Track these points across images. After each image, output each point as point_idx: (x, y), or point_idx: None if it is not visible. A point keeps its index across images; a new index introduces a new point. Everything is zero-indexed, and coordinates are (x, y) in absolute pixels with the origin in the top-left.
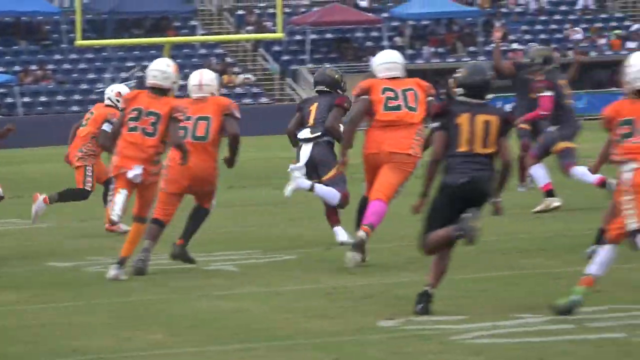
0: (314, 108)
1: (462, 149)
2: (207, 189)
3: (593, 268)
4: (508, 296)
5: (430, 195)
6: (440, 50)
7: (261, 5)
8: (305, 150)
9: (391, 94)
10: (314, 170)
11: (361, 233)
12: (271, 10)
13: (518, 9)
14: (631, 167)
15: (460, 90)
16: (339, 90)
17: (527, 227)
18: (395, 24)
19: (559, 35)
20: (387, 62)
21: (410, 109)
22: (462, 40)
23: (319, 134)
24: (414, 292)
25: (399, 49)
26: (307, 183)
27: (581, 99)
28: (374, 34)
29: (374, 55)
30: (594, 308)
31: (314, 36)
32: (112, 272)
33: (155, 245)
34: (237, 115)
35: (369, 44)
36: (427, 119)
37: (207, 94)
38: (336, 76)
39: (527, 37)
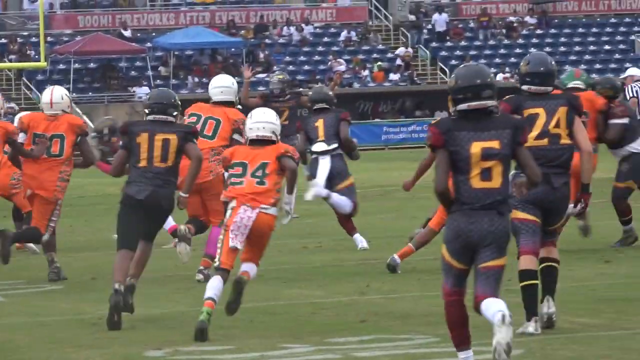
0: (320, 124)
1: (142, 164)
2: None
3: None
4: (275, 326)
5: None
6: (204, 80)
7: (24, 34)
8: (324, 163)
9: (194, 119)
10: (328, 180)
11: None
12: (34, 39)
13: (282, 40)
14: (231, 205)
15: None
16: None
17: (292, 258)
18: (159, 53)
19: (322, 67)
20: (216, 86)
21: (204, 136)
22: (226, 70)
23: (336, 146)
24: (180, 323)
25: (164, 79)
26: (325, 191)
27: None
28: (138, 63)
29: (138, 85)
30: (360, 337)
31: (77, 65)
32: None
33: None
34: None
35: (133, 73)
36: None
37: (58, 112)
38: (330, 93)
39: (291, 67)
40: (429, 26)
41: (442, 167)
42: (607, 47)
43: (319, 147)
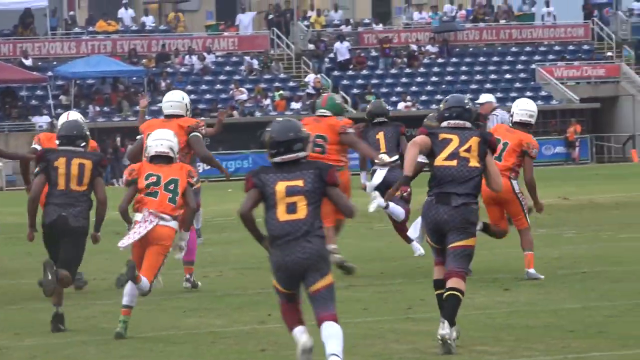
0: (380, 137)
1: (60, 187)
2: None
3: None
4: (175, 355)
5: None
6: (105, 109)
7: None
8: (380, 174)
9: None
10: (384, 190)
11: None
12: None
13: (183, 69)
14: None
15: None
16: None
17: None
18: (60, 82)
19: (224, 95)
20: (167, 101)
21: None
22: (127, 99)
23: (396, 158)
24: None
25: (65, 107)
26: (383, 202)
27: (247, 158)
28: (39, 92)
29: (39, 114)
30: None
31: None
32: None
33: None
34: None
35: (34, 102)
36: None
37: None
38: (388, 107)
39: (193, 96)
40: (331, 55)
41: (249, 197)
42: (508, 75)
43: (382, 159)
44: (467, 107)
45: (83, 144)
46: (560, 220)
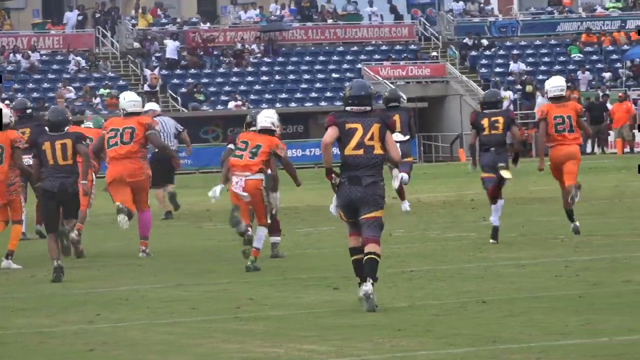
0: (396, 119)
1: (51, 163)
2: None
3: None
4: (4, 356)
5: None
6: None
7: None
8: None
9: (112, 134)
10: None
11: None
12: None
13: (10, 67)
14: None
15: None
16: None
17: (21, 287)
18: None
19: (51, 94)
20: (130, 100)
21: (125, 143)
22: None
23: (409, 137)
24: None
25: None
26: (406, 175)
27: None
28: None
29: None
30: None
31: None
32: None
33: None
34: None
35: None
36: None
37: None
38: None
39: (20, 95)
40: (158, 54)
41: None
42: (335, 75)
43: (397, 137)
44: (368, 92)
45: (67, 127)
46: (388, 219)
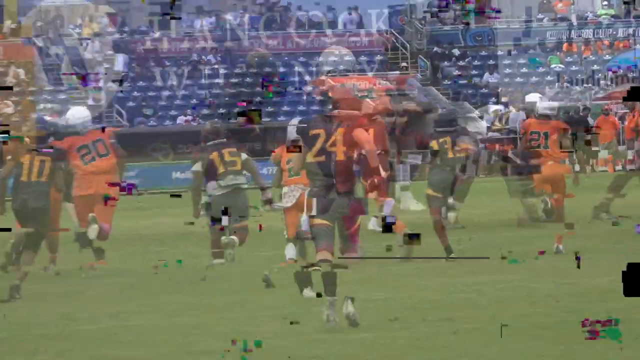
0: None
1: (24, 179)
2: None
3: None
4: None
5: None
6: None
7: None
8: None
9: (84, 150)
10: None
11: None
12: None
13: None
14: None
15: None
16: None
17: None
18: None
19: None
20: (87, 116)
21: (102, 156)
22: None
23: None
24: None
25: None
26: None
27: None
28: None
29: None
30: None
31: None
32: None
33: None
34: None
35: None
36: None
37: None
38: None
39: None
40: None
41: None
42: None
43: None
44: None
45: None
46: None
